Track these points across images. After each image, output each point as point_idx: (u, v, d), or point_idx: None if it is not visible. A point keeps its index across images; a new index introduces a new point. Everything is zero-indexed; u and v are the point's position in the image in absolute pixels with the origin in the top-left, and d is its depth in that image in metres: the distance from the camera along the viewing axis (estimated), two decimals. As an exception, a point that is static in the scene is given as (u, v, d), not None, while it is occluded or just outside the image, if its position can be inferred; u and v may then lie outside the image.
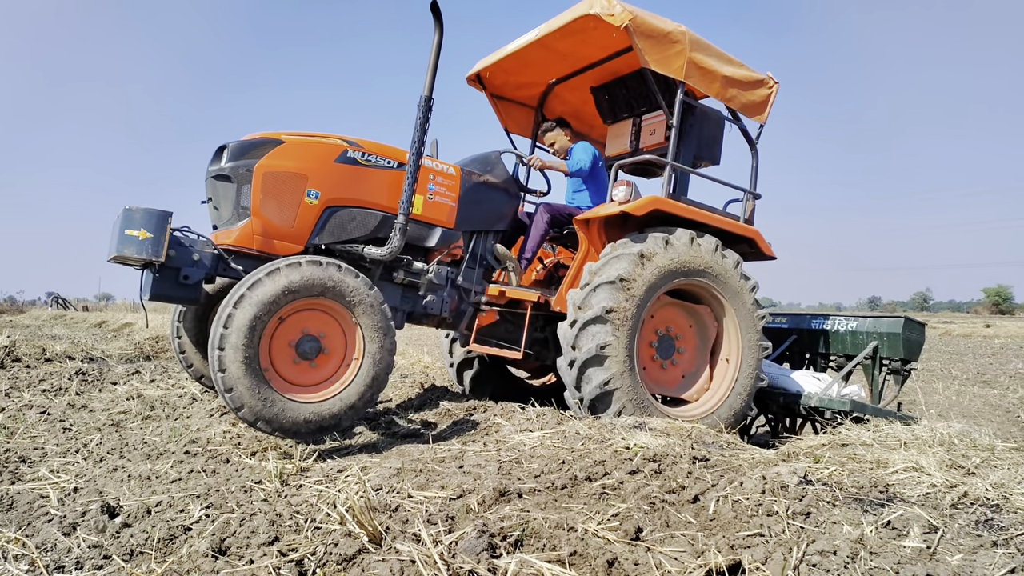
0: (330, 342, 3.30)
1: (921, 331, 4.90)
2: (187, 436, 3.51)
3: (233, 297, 2.98)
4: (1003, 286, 52.53)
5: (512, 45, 4.66)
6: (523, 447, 3.10)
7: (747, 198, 4.73)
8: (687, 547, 1.95)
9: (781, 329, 5.60)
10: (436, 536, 1.94)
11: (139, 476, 2.77)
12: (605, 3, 3.91)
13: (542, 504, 2.27)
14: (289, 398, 3.10)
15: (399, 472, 2.61)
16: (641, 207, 4.08)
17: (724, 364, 4.46)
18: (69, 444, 3.45)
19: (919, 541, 1.93)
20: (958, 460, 2.79)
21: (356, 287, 3.24)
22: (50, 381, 5.48)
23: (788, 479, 2.36)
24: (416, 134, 3.47)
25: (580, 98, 5.51)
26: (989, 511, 2.21)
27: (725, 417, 4.28)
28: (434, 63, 3.42)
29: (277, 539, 2.02)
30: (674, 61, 4.12)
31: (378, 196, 3.80)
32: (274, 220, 3.49)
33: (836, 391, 4.62)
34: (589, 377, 3.84)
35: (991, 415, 6.93)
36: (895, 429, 3.51)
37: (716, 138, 4.84)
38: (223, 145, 3.54)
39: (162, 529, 2.11)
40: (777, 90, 4.70)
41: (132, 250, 3.11)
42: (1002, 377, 10.48)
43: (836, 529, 1.99)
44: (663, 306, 4.36)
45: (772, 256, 4.83)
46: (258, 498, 2.43)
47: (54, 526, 2.17)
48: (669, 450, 2.77)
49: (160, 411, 4.41)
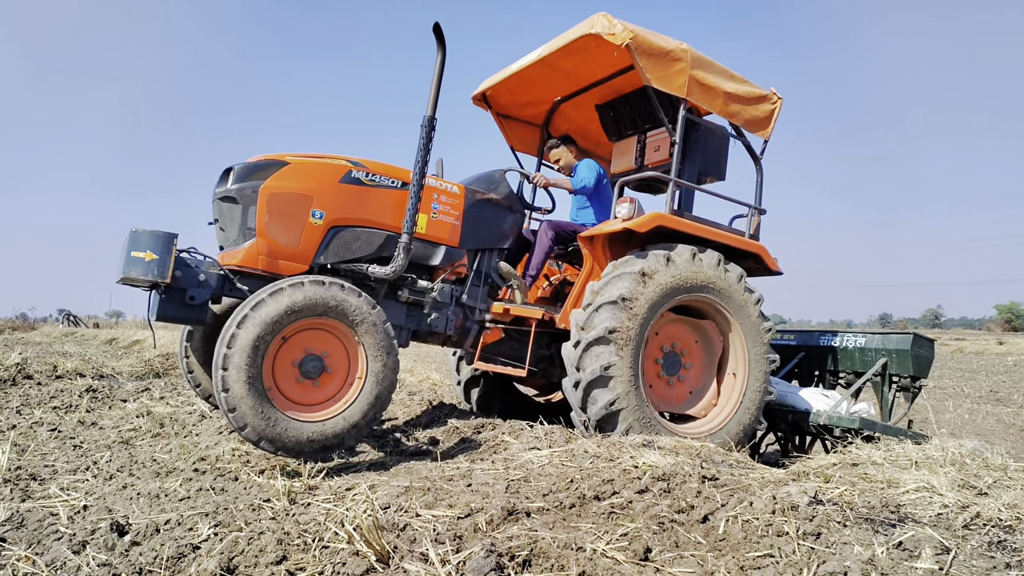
0: (333, 361, 3.31)
1: (930, 347, 4.86)
2: (196, 454, 3.53)
3: (236, 317, 3.00)
4: (1015, 303, 52.14)
5: (516, 65, 4.72)
6: (531, 465, 3.09)
7: (752, 213, 4.74)
8: (696, 568, 1.94)
9: (789, 346, 5.58)
10: (444, 556, 1.93)
11: (148, 494, 2.78)
12: (606, 23, 3.97)
13: (550, 523, 2.26)
14: (292, 417, 3.10)
15: (407, 490, 2.61)
16: (644, 224, 4.10)
17: (731, 379, 4.44)
18: (79, 461, 3.47)
19: (931, 562, 1.91)
20: (970, 480, 2.75)
21: (359, 306, 3.25)
22: (61, 398, 5.52)
23: (798, 499, 2.34)
24: (419, 153, 3.52)
25: (585, 116, 5.56)
26: (1002, 532, 2.18)
27: (734, 432, 4.25)
28: (437, 83, 3.48)
29: (285, 558, 2.02)
30: (676, 79, 4.16)
31: (382, 216, 3.83)
32: (279, 240, 3.53)
33: (845, 409, 4.58)
34: (595, 398, 3.83)
35: (1004, 433, 6.85)
36: (906, 448, 3.47)
37: (721, 154, 4.87)
38: (229, 167, 3.60)
39: (171, 548, 2.12)
40: (781, 105, 4.72)
41: (138, 272, 3.13)
42: (1015, 395, 10.36)
43: (847, 550, 1.97)
44: (668, 322, 4.36)
45: (778, 271, 4.83)
46: (266, 516, 2.43)
47: (64, 544, 2.19)
48: (678, 469, 2.75)
49: (169, 428, 4.44)
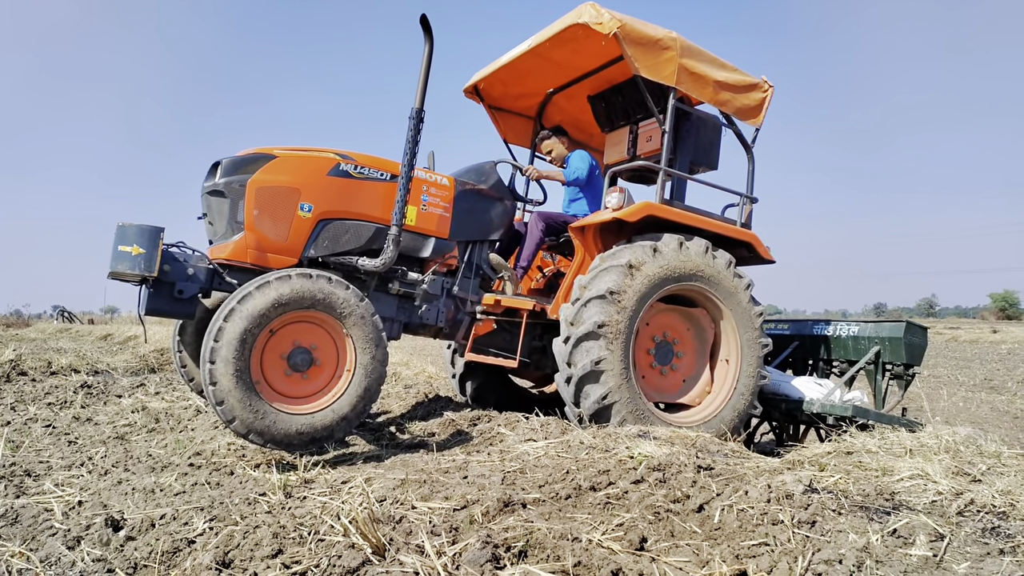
0: (322, 354, 3.31)
1: (923, 335, 4.88)
2: (191, 448, 3.52)
3: (224, 310, 3.00)
4: (1009, 291, 52.22)
5: (506, 56, 4.69)
6: (527, 457, 3.09)
7: (744, 202, 4.73)
8: (692, 557, 1.94)
9: (783, 335, 5.59)
10: (440, 547, 1.93)
11: (143, 489, 2.77)
12: (593, 12, 3.93)
13: (546, 514, 2.27)
14: (281, 410, 3.10)
15: (403, 483, 2.61)
16: (634, 213, 4.09)
17: (724, 365, 4.44)
18: (74, 457, 3.45)
19: (925, 549, 1.92)
20: (964, 467, 2.77)
21: (346, 299, 3.25)
22: (55, 394, 5.50)
23: (793, 487, 2.35)
24: (408, 146, 3.51)
25: (578, 107, 5.54)
26: (996, 518, 2.20)
27: (729, 419, 4.26)
28: (425, 75, 3.46)
29: (280, 552, 2.02)
30: (665, 67, 4.13)
31: (371, 208, 3.82)
32: (268, 234, 3.52)
33: (838, 397, 4.59)
34: (587, 393, 3.83)
35: (999, 421, 6.89)
36: (900, 436, 3.49)
37: (713, 143, 4.85)
38: (217, 161, 3.58)
39: (166, 542, 2.11)
40: (772, 94, 4.69)
41: (126, 266, 3.12)
42: (1009, 383, 10.42)
43: (842, 538, 1.98)
44: (658, 312, 4.35)
45: (770, 260, 4.82)
46: (262, 510, 2.42)
47: (58, 540, 2.17)
48: (674, 459, 2.76)
49: (165, 423, 4.42)
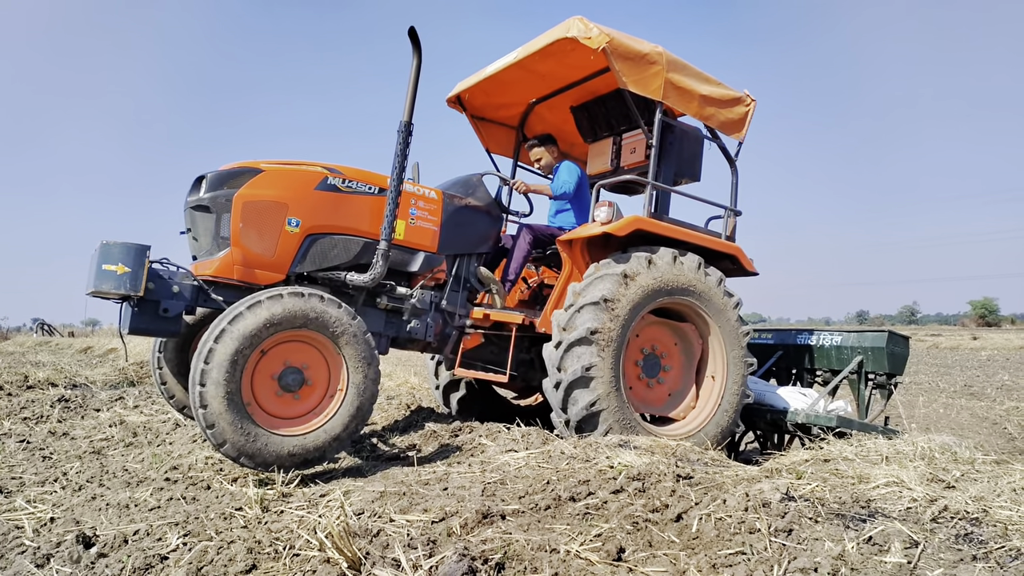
0: (313, 373, 3.25)
1: (905, 344, 4.94)
2: (168, 463, 3.47)
3: (214, 332, 2.93)
4: (989, 298, 53.05)
5: (491, 67, 4.71)
6: (508, 468, 3.08)
7: (728, 215, 4.78)
8: (669, 567, 1.94)
9: (767, 345, 5.63)
10: (416, 561, 1.92)
11: (117, 504, 2.73)
12: (582, 26, 3.96)
13: (525, 526, 2.26)
14: (273, 432, 3.04)
15: (382, 496, 2.59)
16: (623, 227, 4.11)
17: (710, 381, 4.46)
18: (48, 473, 3.39)
19: (900, 556, 1.93)
20: (939, 474, 2.80)
21: (339, 317, 3.20)
22: (31, 409, 5.40)
23: (771, 496, 2.36)
24: (396, 159, 3.47)
25: (560, 117, 5.57)
26: (969, 525, 2.22)
27: (712, 435, 4.28)
28: (413, 88, 3.44)
29: (255, 567, 1.99)
30: (652, 82, 4.18)
31: (359, 222, 3.78)
32: (254, 249, 3.46)
33: (823, 407, 4.63)
34: (575, 399, 3.83)
35: (978, 427, 6.97)
36: (877, 444, 3.52)
37: (696, 155, 4.90)
38: (201, 175, 3.52)
39: (138, 559, 2.08)
40: (754, 107, 4.76)
41: (110, 285, 3.05)
42: (989, 389, 10.55)
43: (818, 546, 1.99)
44: (648, 325, 4.37)
45: (754, 272, 4.87)
46: (238, 525, 2.40)
47: (27, 558, 2.13)
48: (653, 468, 2.76)
49: (143, 437, 4.36)
